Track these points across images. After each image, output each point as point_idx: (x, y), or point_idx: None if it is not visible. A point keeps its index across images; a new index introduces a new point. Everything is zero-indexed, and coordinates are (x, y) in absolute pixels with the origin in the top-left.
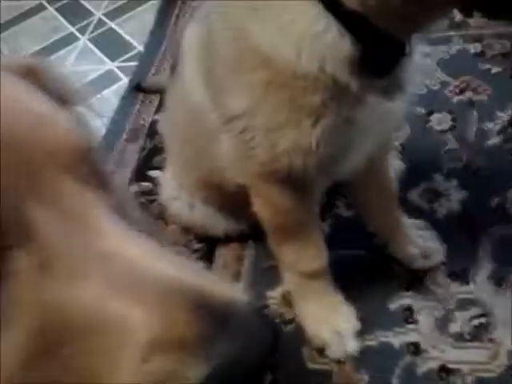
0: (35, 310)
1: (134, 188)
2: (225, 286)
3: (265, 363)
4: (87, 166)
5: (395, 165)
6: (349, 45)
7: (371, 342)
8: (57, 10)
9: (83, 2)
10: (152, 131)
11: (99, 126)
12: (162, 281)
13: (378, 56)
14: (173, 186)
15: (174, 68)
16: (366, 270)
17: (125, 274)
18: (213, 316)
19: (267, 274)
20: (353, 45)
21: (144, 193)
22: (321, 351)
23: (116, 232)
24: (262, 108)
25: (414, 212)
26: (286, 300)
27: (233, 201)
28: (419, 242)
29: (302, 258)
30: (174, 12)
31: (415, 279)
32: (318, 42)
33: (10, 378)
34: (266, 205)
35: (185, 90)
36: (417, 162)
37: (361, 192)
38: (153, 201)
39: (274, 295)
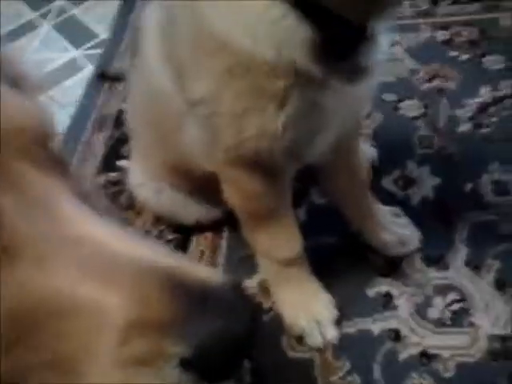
0: (4, 296)
1: (102, 178)
2: (199, 267)
3: (244, 342)
4: (44, 151)
5: (367, 152)
6: (306, 30)
7: (350, 330)
8: None
9: None
10: (119, 120)
11: (64, 115)
12: (134, 262)
13: (336, 40)
14: (139, 173)
15: (134, 50)
16: (343, 257)
17: (94, 257)
18: (188, 295)
19: (244, 262)
20: (310, 30)
21: (112, 183)
22: (300, 339)
23: (81, 217)
24: (224, 93)
25: (388, 199)
26: (264, 289)
27: (202, 186)
28: (394, 228)
29: (277, 245)
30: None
31: (392, 266)
32: (274, 28)
33: None
34: (235, 191)
35: (147, 72)
36: (389, 149)
37: (332, 179)
38: (121, 191)
39: (251, 284)
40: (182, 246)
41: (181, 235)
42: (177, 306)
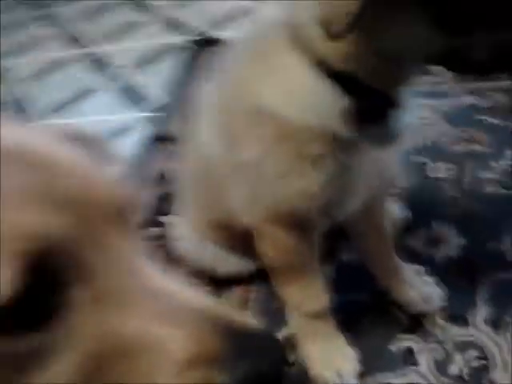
0: (90, 336)
1: (145, 233)
2: (243, 314)
3: (276, 377)
4: (127, 220)
5: (395, 211)
6: (342, 100)
7: (371, 382)
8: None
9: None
10: (165, 178)
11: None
12: (193, 308)
13: (368, 108)
14: (184, 227)
15: (190, 119)
16: (369, 312)
17: (164, 304)
18: (235, 337)
19: (273, 316)
20: (345, 100)
21: (154, 238)
22: None
23: (153, 271)
24: (269, 157)
25: (414, 257)
26: (290, 343)
27: (241, 242)
28: (418, 287)
29: (305, 298)
30: (196, 66)
31: (415, 322)
32: (313, 99)
33: None
34: (270, 245)
35: (200, 140)
36: (417, 209)
37: (360, 237)
38: (162, 245)
39: (279, 336)
40: (215, 297)
41: (214, 287)
42: (225, 345)
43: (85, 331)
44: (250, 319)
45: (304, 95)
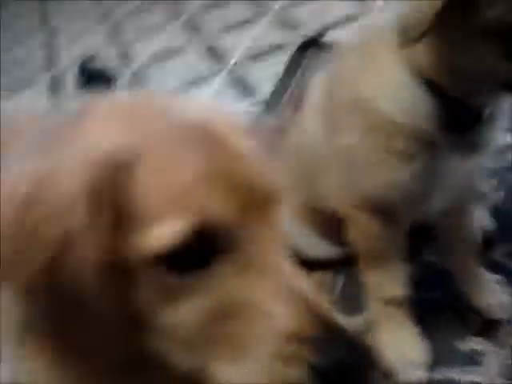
0: (223, 291)
1: None
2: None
3: (357, 373)
4: (277, 207)
5: (482, 220)
6: (433, 106)
7: (438, 376)
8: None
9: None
10: None
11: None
12: (303, 296)
13: (457, 118)
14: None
15: (295, 110)
16: (444, 312)
17: (284, 286)
18: (330, 329)
19: (354, 301)
20: (436, 106)
21: None
22: (390, 375)
23: (284, 258)
24: (362, 145)
25: (495, 267)
26: (366, 327)
27: (330, 228)
28: (496, 295)
29: (385, 284)
30: (304, 64)
31: (488, 327)
32: (405, 98)
33: (192, 335)
34: (357, 230)
35: (305, 127)
36: (503, 221)
37: (447, 241)
38: None
39: (356, 321)
40: None
41: (306, 269)
42: (318, 331)
43: (221, 287)
44: (344, 319)
45: (397, 93)
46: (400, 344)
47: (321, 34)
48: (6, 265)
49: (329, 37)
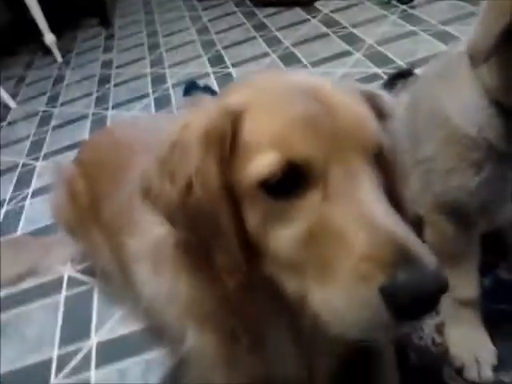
0: (313, 219)
1: None
2: (424, 247)
3: (430, 300)
4: (376, 155)
5: None
6: (499, 123)
7: (505, 378)
8: None
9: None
10: None
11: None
12: (385, 228)
13: None
14: None
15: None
16: None
17: (366, 216)
18: (407, 258)
19: None
20: (502, 124)
21: None
22: (459, 372)
23: (369, 193)
24: (441, 155)
25: None
26: (439, 329)
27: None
28: None
29: (457, 285)
30: (391, 92)
31: None
32: (478, 115)
33: (291, 252)
34: (434, 232)
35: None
36: None
37: None
38: None
39: (429, 322)
40: None
41: None
42: (396, 258)
43: (310, 213)
44: (428, 254)
45: (472, 111)
46: (469, 343)
47: (411, 68)
48: (158, 193)
49: (418, 71)
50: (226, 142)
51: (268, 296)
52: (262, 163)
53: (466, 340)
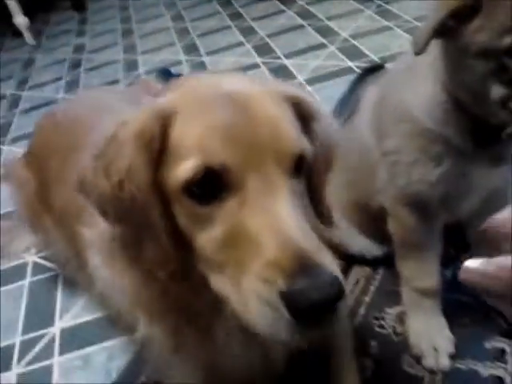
0: (230, 224)
1: None
2: (327, 257)
3: (325, 307)
4: (294, 164)
5: None
6: (456, 117)
7: (462, 366)
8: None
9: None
10: None
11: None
12: (290, 238)
13: (480, 131)
14: None
15: (350, 115)
16: (471, 313)
17: (276, 225)
18: (307, 266)
19: (390, 295)
20: (459, 118)
21: None
22: (418, 359)
23: (283, 204)
24: (403, 149)
25: None
26: (400, 318)
27: (373, 224)
28: None
29: (418, 274)
30: (363, 86)
31: None
32: (437, 111)
33: (212, 253)
34: (396, 222)
35: (358, 131)
36: None
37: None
38: None
39: (390, 312)
40: (343, 271)
41: (344, 262)
42: (296, 267)
43: (227, 216)
44: (331, 265)
45: (431, 105)
46: (428, 332)
47: (384, 63)
48: (92, 186)
49: (391, 66)
50: (155, 144)
51: (205, 287)
52: (184, 168)
53: (425, 328)
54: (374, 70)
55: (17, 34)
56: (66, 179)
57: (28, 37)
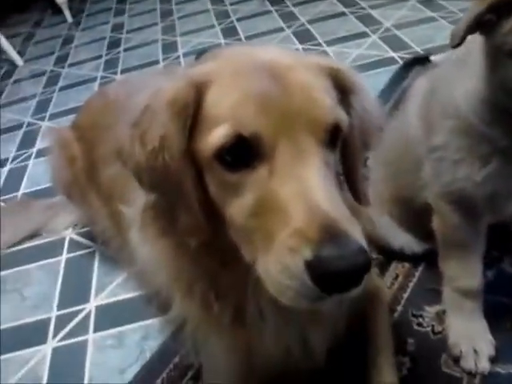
0: (260, 192)
1: None
2: (356, 229)
3: (351, 276)
4: (329, 134)
5: None
6: (504, 118)
7: (502, 370)
8: None
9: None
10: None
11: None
12: (321, 209)
13: None
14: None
15: (396, 106)
16: None
17: (306, 194)
18: (330, 234)
19: (429, 293)
20: (507, 119)
21: None
22: (456, 360)
23: (313, 172)
24: (450, 145)
25: None
26: (439, 317)
27: (416, 220)
28: None
29: (460, 274)
30: (406, 78)
31: None
32: (486, 110)
33: (241, 222)
34: (441, 220)
35: (405, 124)
36: None
37: None
38: None
39: (429, 310)
40: (382, 266)
41: (384, 257)
42: (322, 236)
43: (259, 184)
44: (357, 234)
45: (480, 104)
46: (469, 333)
47: (428, 55)
48: (128, 154)
49: (435, 58)
50: (189, 112)
51: (236, 260)
52: (216, 134)
53: (466, 330)
54: (417, 61)
55: (56, 11)
56: (112, 158)
57: (67, 14)
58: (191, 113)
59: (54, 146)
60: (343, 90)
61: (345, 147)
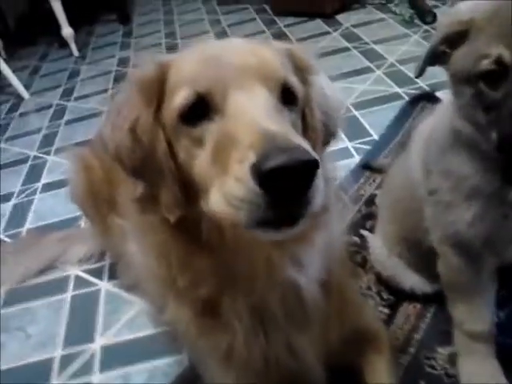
0: (215, 137)
1: (347, 238)
2: (302, 141)
3: (293, 175)
4: (281, 92)
5: None
6: (476, 157)
7: None
8: None
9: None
10: (369, 201)
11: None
12: (268, 129)
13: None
14: (378, 241)
15: (400, 150)
16: None
17: (249, 124)
18: (275, 142)
19: (442, 334)
20: (478, 158)
21: (353, 245)
22: None
23: (262, 106)
24: (442, 188)
25: None
26: (452, 359)
27: (424, 261)
28: None
29: (467, 318)
30: (412, 114)
31: None
32: (461, 150)
33: (206, 174)
34: (444, 263)
35: (407, 167)
36: None
37: None
38: (359, 252)
39: (443, 352)
40: (392, 306)
41: (394, 298)
42: (271, 146)
43: (215, 131)
44: (303, 143)
45: (457, 141)
46: (480, 376)
47: (434, 90)
48: (108, 138)
49: (439, 94)
50: (154, 87)
51: (212, 246)
52: (178, 98)
53: (478, 373)
54: (423, 97)
55: (63, 44)
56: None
57: (73, 48)
58: (156, 88)
59: (73, 161)
60: (301, 69)
61: (306, 127)
